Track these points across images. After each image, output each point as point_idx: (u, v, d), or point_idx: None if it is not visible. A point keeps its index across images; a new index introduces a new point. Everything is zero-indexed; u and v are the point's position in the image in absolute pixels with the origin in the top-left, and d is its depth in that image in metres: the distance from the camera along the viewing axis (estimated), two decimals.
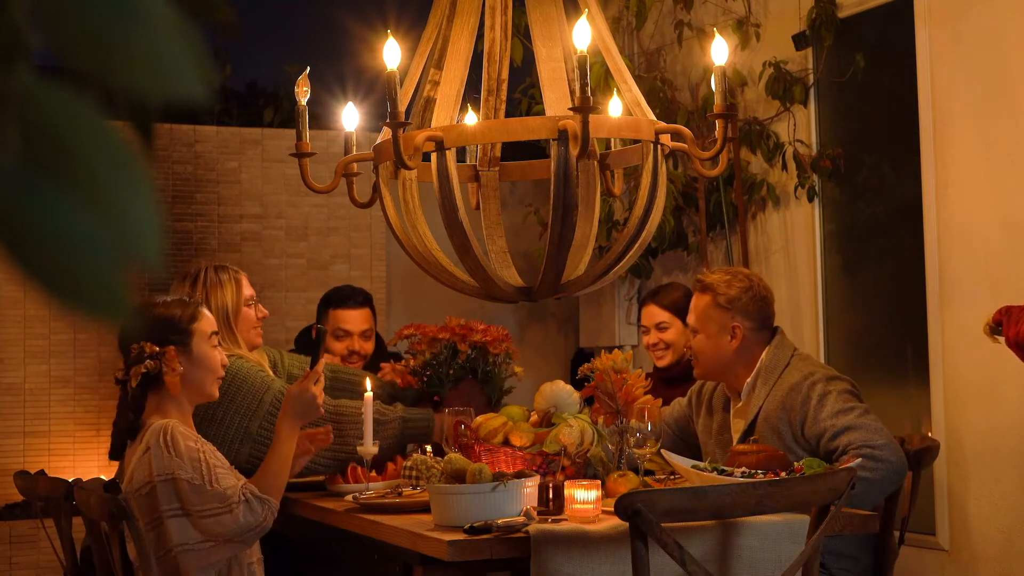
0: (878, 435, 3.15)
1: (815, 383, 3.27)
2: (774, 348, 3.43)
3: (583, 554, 2.57)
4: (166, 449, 2.77)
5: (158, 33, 0.62)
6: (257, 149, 5.97)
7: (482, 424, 3.20)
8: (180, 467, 2.75)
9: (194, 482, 2.75)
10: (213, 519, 2.76)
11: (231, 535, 2.79)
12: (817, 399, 3.24)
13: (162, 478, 2.76)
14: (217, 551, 2.81)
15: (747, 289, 3.43)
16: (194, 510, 2.76)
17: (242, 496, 2.78)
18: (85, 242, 0.60)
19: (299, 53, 7.00)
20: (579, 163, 2.96)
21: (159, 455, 2.77)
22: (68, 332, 5.50)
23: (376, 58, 2.97)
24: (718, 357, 3.44)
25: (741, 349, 3.42)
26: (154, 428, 2.81)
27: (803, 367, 3.36)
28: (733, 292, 3.43)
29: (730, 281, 3.45)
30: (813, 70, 5.20)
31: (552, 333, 6.77)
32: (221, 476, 2.78)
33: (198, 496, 2.75)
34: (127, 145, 0.63)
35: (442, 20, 3.23)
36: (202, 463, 2.77)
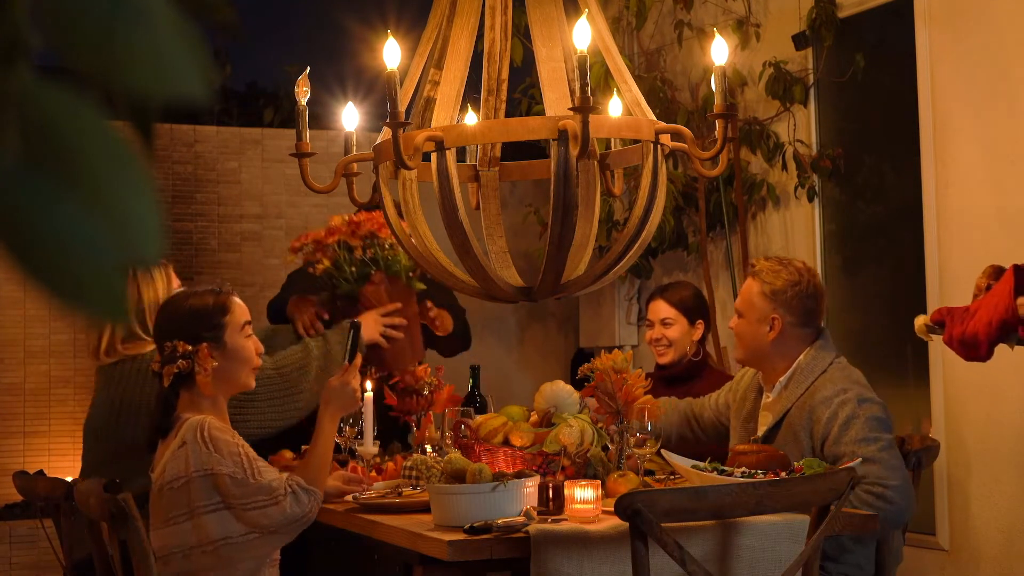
0: (893, 475, 3.09)
1: (845, 402, 3.20)
2: (814, 351, 3.36)
3: (583, 554, 2.57)
4: (204, 445, 2.77)
5: (158, 33, 0.62)
6: (257, 149, 5.97)
7: (482, 424, 3.20)
8: (220, 463, 2.75)
9: (236, 476, 2.75)
10: (259, 511, 2.76)
11: (277, 526, 2.79)
12: (844, 420, 3.17)
13: (200, 473, 2.76)
14: (263, 543, 2.81)
15: (794, 283, 3.36)
16: (238, 503, 2.76)
17: (288, 488, 2.79)
18: (85, 242, 0.60)
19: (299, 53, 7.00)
20: (579, 163, 2.96)
21: (197, 451, 2.77)
22: (68, 332, 5.50)
23: (376, 58, 2.97)
24: (755, 345, 3.39)
25: (778, 342, 3.36)
26: (190, 424, 2.80)
27: (839, 379, 3.28)
28: (778, 283, 3.36)
29: (778, 272, 3.38)
30: (813, 70, 5.20)
31: (552, 333, 6.77)
32: (263, 469, 2.79)
33: (242, 489, 2.75)
34: (127, 145, 0.63)
35: (442, 20, 3.23)
36: (243, 457, 2.78)
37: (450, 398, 3.75)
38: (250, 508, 2.77)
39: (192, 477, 2.77)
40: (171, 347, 2.90)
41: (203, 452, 2.77)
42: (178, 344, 2.89)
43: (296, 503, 2.79)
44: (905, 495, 3.12)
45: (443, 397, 3.75)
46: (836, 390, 3.24)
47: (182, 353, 2.88)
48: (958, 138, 4.45)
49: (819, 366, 3.33)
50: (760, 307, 3.38)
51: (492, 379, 4.80)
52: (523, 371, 6.59)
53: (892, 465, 3.12)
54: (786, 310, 3.36)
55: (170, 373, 2.88)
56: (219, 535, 2.78)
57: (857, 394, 3.22)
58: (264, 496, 2.77)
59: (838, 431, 3.15)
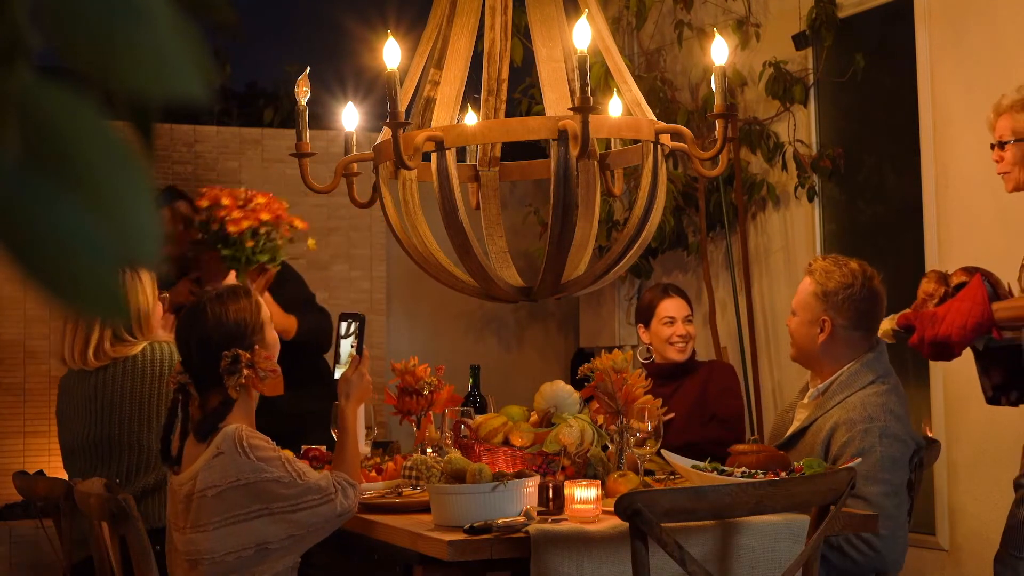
0: (886, 523, 3.03)
1: (869, 431, 3.12)
2: (859, 366, 3.26)
3: (583, 554, 2.57)
4: (245, 455, 2.74)
5: (158, 33, 0.62)
6: (257, 149, 5.97)
7: (482, 424, 3.20)
8: (265, 470, 2.74)
9: (284, 480, 2.74)
10: (310, 511, 2.76)
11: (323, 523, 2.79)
12: (859, 451, 3.10)
13: (242, 482, 2.74)
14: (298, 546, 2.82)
15: (847, 286, 3.27)
16: (287, 506, 2.75)
17: (336, 485, 2.80)
18: (85, 242, 0.60)
19: (299, 53, 7.00)
20: (579, 163, 2.96)
21: (237, 460, 2.74)
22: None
23: (376, 58, 2.97)
24: (806, 345, 3.33)
25: (828, 344, 3.29)
26: (226, 434, 2.76)
27: (871, 404, 3.17)
28: (831, 284, 3.28)
29: (831, 272, 3.30)
30: (813, 70, 5.20)
31: (552, 333, 6.77)
32: (304, 470, 2.79)
33: (293, 491, 2.75)
34: (127, 145, 0.63)
35: (442, 20, 3.23)
36: (284, 461, 2.77)
37: (450, 398, 3.75)
38: (301, 508, 2.76)
39: (230, 487, 2.75)
40: (231, 356, 2.81)
41: (244, 461, 2.74)
42: (239, 352, 2.81)
43: (345, 498, 2.81)
44: (892, 547, 3.07)
45: (443, 397, 3.74)
46: (864, 416, 3.15)
47: (246, 361, 2.81)
48: (958, 138, 4.45)
49: (858, 382, 3.24)
50: (812, 307, 3.31)
51: (492, 379, 4.80)
52: (523, 371, 6.59)
53: (888, 514, 3.06)
54: (836, 312, 3.27)
55: (237, 384, 2.80)
56: (258, 540, 2.77)
57: (882, 427, 3.13)
58: (315, 495, 2.77)
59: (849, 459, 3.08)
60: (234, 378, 2.81)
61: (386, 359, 5.97)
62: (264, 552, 2.78)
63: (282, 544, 2.79)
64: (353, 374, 3.05)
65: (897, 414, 3.19)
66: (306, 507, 2.77)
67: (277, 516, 2.76)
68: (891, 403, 3.20)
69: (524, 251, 6.06)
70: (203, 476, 2.78)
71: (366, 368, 3.08)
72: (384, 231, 6.02)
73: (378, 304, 6.13)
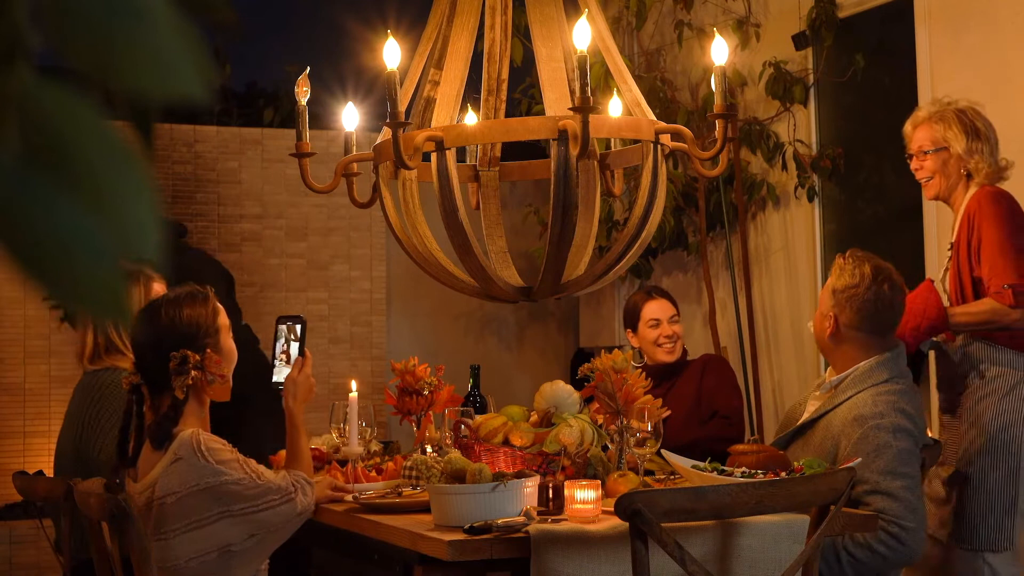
0: (912, 516, 3.05)
1: (880, 428, 3.12)
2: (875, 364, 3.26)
3: (583, 554, 2.57)
4: (204, 458, 2.74)
5: (158, 33, 0.62)
6: (257, 149, 5.97)
7: (482, 424, 3.20)
8: (224, 472, 2.74)
9: (244, 482, 2.75)
10: (271, 511, 2.78)
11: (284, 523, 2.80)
12: (874, 448, 3.10)
13: (202, 486, 2.74)
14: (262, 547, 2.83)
15: (853, 286, 3.28)
16: (248, 507, 2.76)
17: (295, 483, 2.82)
18: (85, 242, 0.60)
19: (299, 53, 7.00)
20: (579, 163, 2.96)
21: (196, 464, 2.74)
22: (68, 332, 5.50)
23: (376, 58, 2.97)
24: (819, 336, 3.36)
25: (835, 339, 3.30)
26: (182, 439, 2.76)
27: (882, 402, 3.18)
28: (839, 283, 3.30)
29: (844, 269, 3.32)
30: (813, 70, 5.20)
31: (552, 333, 6.77)
32: (262, 471, 2.80)
33: (252, 492, 2.76)
34: (127, 145, 0.63)
35: (442, 20, 3.23)
36: (243, 463, 2.78)
37: (450, 398, 3.75)
38: (263, 509, 2.77)
39: (189, 492, 2.75)
40: (180, 357, 2.81)
41: (203, 466, 2.74)
42: (188, 353, 2.82)
43: (304, 496, 2.83)
44: (918, 539, 3.08)
45: (443, 397, 3.74)
46: (874, 412, 3.15)
47: (194, 363, 2.82)
48: None
49: (870, 380, 3.24)
50: (825, 300, 3.35)
51: (492, 379, 4.80)
52: (523, 371, 6.59)
53: (913, 506, 3.07)
54: (840, 310, 3.29)
55: (184, 385, 2.81)
56: (220, 544, 2.77)
57: (892, 422, 3.13)
58: (276, 495, 2.78)
59: (866, 457, 3.08)
60: (181, 379, 2.80)
61: (386, 359, 5.97)
62: (228, 555, 2.77)
63: (244, 546, 2.78)
64: (299, 375, 3.08)
65: (907, 412, 3.19)
66: (267, 507, 2.77)
67: (238, 518, 2.76)
68: (901, 402, 3.20)
69: (524, 251, 6.06)
70: (162, 483, 2.77)
71: (309, 368, 3.11)
72: (384, 231, 6.02)
73: (378, 304, 6.13)
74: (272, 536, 2.82)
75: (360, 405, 3.47)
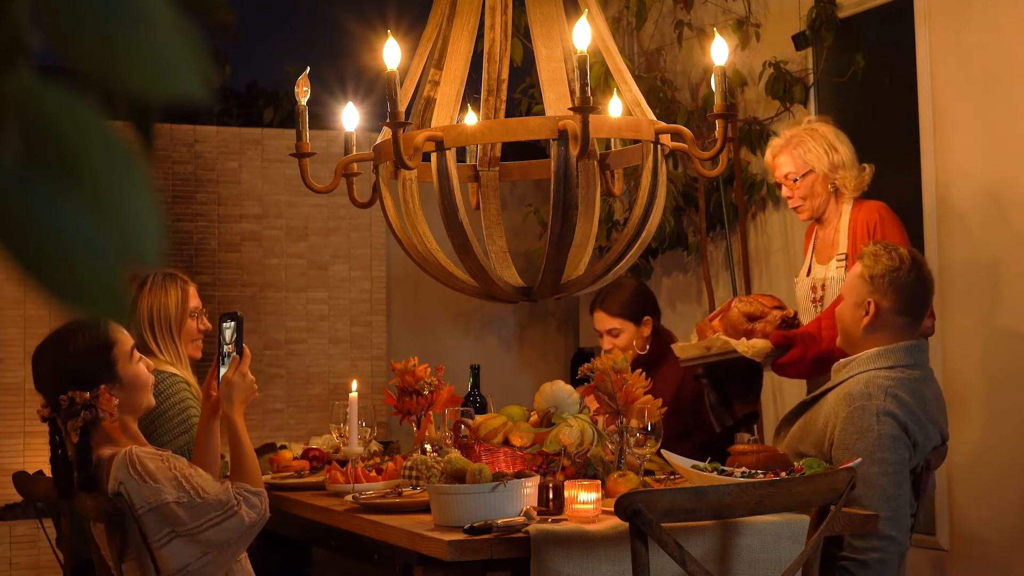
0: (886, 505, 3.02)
1: (866, 409, 3.11)
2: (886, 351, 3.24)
3: (583, 554, 2.57)
4: (140, 479, 2.67)
5: (158, 33, 0.62)
6: (257, 149, 5.97)
7: (482, 424, 3.20)
8: (163, 492, 2.66)
9: (182, 501, 2.67)
10: (216, 528, 2.69)
11: (237, 537, 2.72)
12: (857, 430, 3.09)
13: (145, 509, 2.67)
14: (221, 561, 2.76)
15: (894, 269, 3.27)
16: (192, 526, 2.68)
17: (237, 496, 2.73)
18: (85, 242, 0.60)
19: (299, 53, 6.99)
20: (579, 163, 2.96)
21: (135, 487, 2.67)
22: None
23: (376, 58, 2.97)
24: (850, 328, 3.32)
25: (872, 327, 3.27)
26: (118, 463, 2.69)
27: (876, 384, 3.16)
28: (878, 268, 3.28)
29: (879, 256, 3.30)
30: (813, 70, 5.20)
31: (552, 333, 6.77)
32: (204, 485, 2.71)
33: (193, 512, 2.68)
34: (127, 145, 0.63)
35: (442, 20, 3.23)
36: (181, 479, 2.69)
37: (450, 398, 3.75)
38: (205, 528, 2.69)
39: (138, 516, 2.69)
40: (67, 400, 2.73)
41: (141, 486, 2.67)
42: (75, 395, 2.73)
43: (250, 508, 2.74)
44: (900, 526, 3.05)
45: (443, 397, 3.75)
46: (863, 393, 3.14)
47: (82, 403, 2.73)
48: (958, 138, 4.45)
49: (874, 364, 3.24)
50: (858, 290, 3.31)
51: (492, 379, 4.80)
52: (523, 371, 6.59)
53: (888, 494, 3.04)
54: (882, 295, 3.27)
55: (75, 428, 2.72)
56: (177, 565, 2.71)
57: (880, 406, 3.12)
58: (217, 512, 2.70)
59: (849, 439, 3.08)
60: (73, 422, 2.73)
61: (386, 359, 5.97)
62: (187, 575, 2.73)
63: (202, 563, 2.72)
64: (234, 375, 2.96)
65: (901, 399, 3.17)
66: (210, 526, 2.69)
67: (185, 538, 2.69)
68: (898, 388, 3.18)
69: (524, 251, 6.06)
70: None
71: (247, 367, 2.98)
72: (384, 231, 6.02)
73: (378, 304, 6.12)
74: (227, 551, 2.74)
75: (360, 405, 3.47)
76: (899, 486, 3.09)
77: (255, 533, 2.79)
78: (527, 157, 3.91)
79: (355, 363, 5.97)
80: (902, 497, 3.09)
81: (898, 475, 3.10)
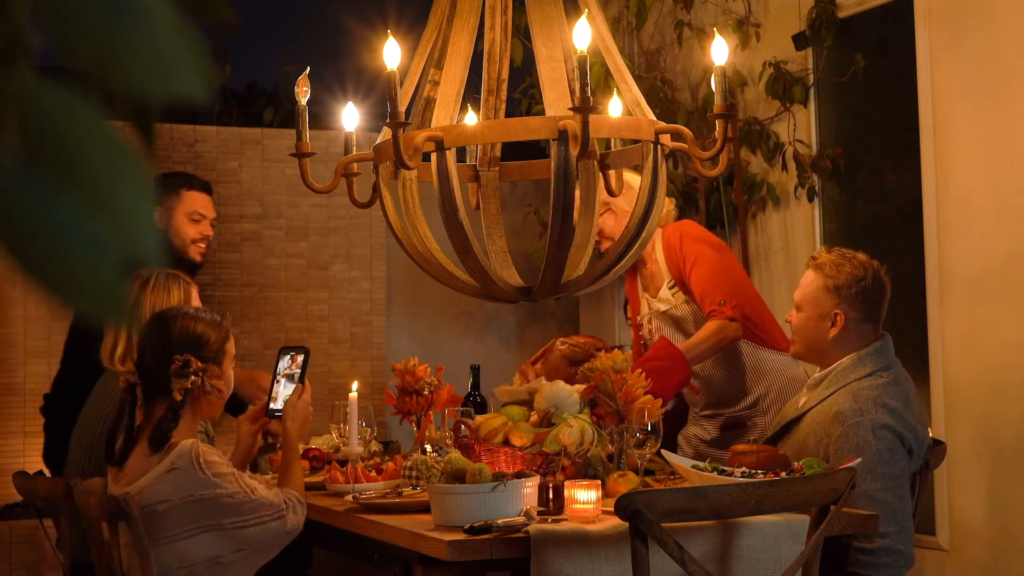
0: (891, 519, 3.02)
1: (860, 425, 3.10)
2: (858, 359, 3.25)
3: (583, 554, 2.57)
4: (201, 470, 2.75)
5: (158, 33, 0.62)
6: (257, 149, 5.97)
7: (482, 424, 3.20)
8: (220, 485, 2.76)
9: (238, 496, 2.76)
10: (261, 527, 2.79)
11: (273, 540, 2.82)
12: (854, 447, 3.08)
13: (196, 497, 2.74)
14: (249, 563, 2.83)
15: (859, 279, 3.27)
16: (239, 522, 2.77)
17: (287, 502, 2.84)
18: (85, 242, 0.60)
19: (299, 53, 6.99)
20: (579, 163, 2.96)
21: (193, 475, 2.75)
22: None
23: (376, 58, 2.97)
24: (815, 341, 3.31)
25: (840, 338, 3.27)
26: (182, 450, 2.77)
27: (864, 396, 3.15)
28: (842, 279, 3.27)
29: (841, 265, 3.29)
30: (813, 70, 5.20)
31: (552, 333, 6.76)
32: (255, 487, 2.82)
33: (245, 507, 2.77)
34: (127, 145, 0.63)
35: (442, 20, 3.23)
36: (239, 478, 2.80)
37: (450, 398, 3.75)
38: (252, 524, 2.78)
39: (182, 501, 2.75)
40: (183, 360, 2.84)
41: (200, 477, 2.75)
42: (192, 359, 2.85)
43: (295, 515, 2.86)
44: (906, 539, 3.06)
45: (443, 397, 3.75)
46: (854, 409, 3.12)
47: (194, 369, 2.85)
48: (958, 138, 4.45)
49: (853, 375, 3.22)
50: (822, 302, 3.30)
51: (492, 379, 4.80)
52: None
53: (892, 508, 3.04)
54: (849, 306, 3.27)
55: (182, 388, 2.83)
56: (209, 555, 2.77)
57: (873, 419, 3.10)
58: (267, 511, 2.80)
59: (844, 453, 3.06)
60: (181, 381, 2.83)
61: (386, 359, 5.97)
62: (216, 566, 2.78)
63: (234, 557, 2.79)
64: (299, 400, 3.15)
65: (891, 407, 3.16)
66: (256, 523, 2.78)
67: (228, 531, 2.77)
68: (885, 395, 3.18)
69: (524, 251, 6.06)
70: (154, 489, 2.76)
71: (308, 397, 3.19)
72: (384, 231, 6.02)
73: (378, 304, 6.12)
74: (260, 553, 2.84)
75: (360, 405, 3.47)
76: (902, 499, 3.10)
77: (288, 541, 2.88)
78: (527, 157, 3.91)
79: (355, 363, 5.97)
80: (906, 510, 3.10)
81: (899, 488, 3.10)
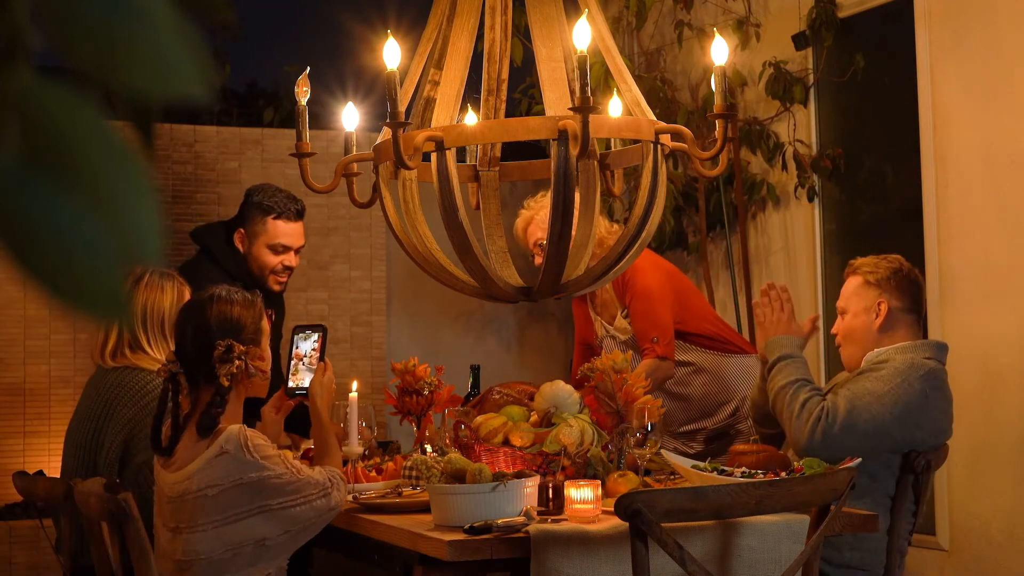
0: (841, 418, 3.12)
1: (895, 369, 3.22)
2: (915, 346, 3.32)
3: (583, 554, 2.57)
4: (249, 453, 2.78)
5: (158, 33, 0.62)
6: (257, 149, 5.97)
7: (482, 424, 3.20)
8: (268, 467, 2.79)
9: (285, 477, 2.80)
10: (307, 505, 2.82)
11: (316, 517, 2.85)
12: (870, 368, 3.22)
13: (245, 481, 2.78)
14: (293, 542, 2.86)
15: (896, 270, 3.36)
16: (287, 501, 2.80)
17: (332, 479, 2.87)
18: (85, 242, 0.60)
19: (299, 53, 7.00)
20: (579, 163, 2.96)
21: (242, 459, 2.78)
22: (68, 332, 5.50)
23: (376, 58, 2.97)
24: (863, 336, 3.37)
25: (885, 326, 3.34)
26: (230, 434, 2.80)
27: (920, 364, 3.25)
28: (881, 272, 3.36)
29: (878, 263, 3.39)
30: (813, 70, 5.20)
31: (552, 333, 6.77)
32: (301, 467, 2.86)
33: (293, 487, 2.80)
34: (127, 145, 0.63)
35: (442, 20, 3.23)
36: (284, 458, 2.83)
37: (450, 398, 3.75)
38: (300, 503, 2.82)
39: (232, 485, 2.78)
40: (226, 345, 2.86)
41: (248, 460, 2.78)
42: (234, 344, 2.87)
43: (338, 491, 2.88)
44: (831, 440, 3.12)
45: (443, 397, 3.75)
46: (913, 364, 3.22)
47: (238, 353, 2.87)
48: (958, 138, 4.45)
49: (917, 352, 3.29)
50: (864, 296, 3.37)
51: (492, 379, 4.80)
52: (523, 371, 6.59)
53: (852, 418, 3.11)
54: (891, 295, 3.35)
55: (228, 372, 2.86)
56: (255, 537, 2.81)
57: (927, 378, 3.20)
58: (314, 489, 2.83)
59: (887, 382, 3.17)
60: (227, 367, 2.86)
61: (386, 359, 5.97)
62: (261, 548, 2.81)
63: (279, 540, 2.83)
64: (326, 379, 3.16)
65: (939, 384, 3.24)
66: (304, 502, 2.82)
67: (276, 512, 2.80)
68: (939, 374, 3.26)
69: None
70: (204, 475, 2.78)
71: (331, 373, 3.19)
72: (384, 231, 6.02)
73: (378, 304, 6.12)
74: (305, 532, 2.87)
75: (360, 405, 3.47)
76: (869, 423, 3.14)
77: (331, 519, 2.90)
78: (527, 157, 3.91)
79: (355, 363, 5.97)
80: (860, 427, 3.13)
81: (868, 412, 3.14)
